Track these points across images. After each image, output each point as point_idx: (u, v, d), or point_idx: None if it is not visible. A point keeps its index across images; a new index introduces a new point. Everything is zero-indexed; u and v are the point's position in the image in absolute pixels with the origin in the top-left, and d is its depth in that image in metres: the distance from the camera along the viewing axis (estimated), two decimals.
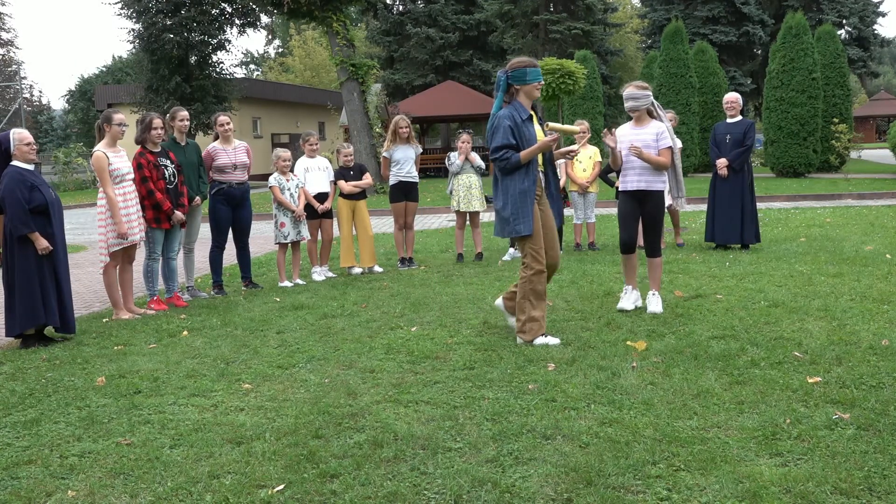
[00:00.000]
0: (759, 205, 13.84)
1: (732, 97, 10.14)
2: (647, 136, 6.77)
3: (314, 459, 3.88)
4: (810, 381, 4.70)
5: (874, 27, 45.37)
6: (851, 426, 3.99)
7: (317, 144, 9.55)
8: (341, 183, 9.60)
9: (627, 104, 6.80)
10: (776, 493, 3.31)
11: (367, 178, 9.80)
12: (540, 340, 5.84)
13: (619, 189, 6.93)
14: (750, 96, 41.76)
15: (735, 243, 9.94)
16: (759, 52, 43.10)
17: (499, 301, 6.47)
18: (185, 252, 8.69)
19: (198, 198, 8.41)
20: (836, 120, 23.16)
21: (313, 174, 9.37)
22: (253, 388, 5.13)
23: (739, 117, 10.10)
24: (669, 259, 9.38)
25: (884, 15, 45.71)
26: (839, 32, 38.07)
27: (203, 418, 4.58)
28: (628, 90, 6.82)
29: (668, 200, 10.30)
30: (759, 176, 21.59)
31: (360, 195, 9.74)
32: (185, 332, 6.87)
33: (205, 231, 9.13)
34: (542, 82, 6.04)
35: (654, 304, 6.79)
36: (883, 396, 4.38)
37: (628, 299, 6.94)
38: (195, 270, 9.00)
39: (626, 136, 6.87)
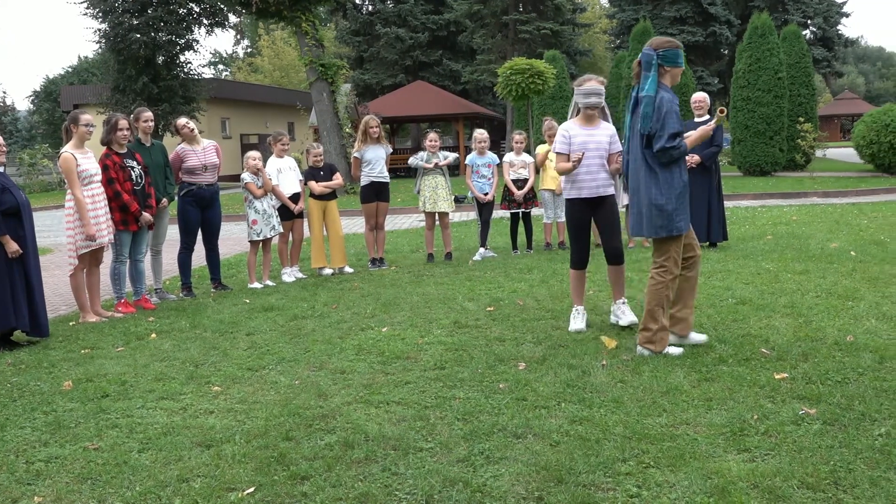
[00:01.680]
0: (727, 203, 13.97)
1: (700, 97, 10.22)
2: (602, 137, 6.18)
3: (285, 461, 3.87)
4: (777, 377, 4.75)
5: (838, 27, 45.97)
6: (817, 421, 4.04)
7: (287, 145, 9.51)
8: (312, 183, 9.56)
9: (590, 99, 6.08)
10: (744, 489, 3.35)
11: (338, 179, 9.77)
12: (671, 350, 5.38)
13: (570, 197, 6.21)
14: (717, 96, 42.11)
15: (703, 242, 10.02)
16: (726, 52, 43.50)
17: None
18: (152, 254, 8.61)
19: (165, 199, 8.34)
20: (801, 119, 23.43)
21: (285, 175, 9.33)
22: (222, 391, 5.10)
23: (707, 116, 10.18)
24: (639, 258, 9.44)
25: (847, 15, 46.34)
26: (804, 33, 38.55)
27: (172, 421, 4.54)
28: (591, 84, 6.10)
29: (624, 199, 10.39)
30: (726, 175, 21.79)
31: (331, 195, 9.71)
32: (154, 335, 6.81)
33: (172, 233, 9.05)
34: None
35: (627, 313, 6.25)
36: (848, 391, 4.44)
37: (581, 320, 6.25)
38: (163, 272, 8.92)
39: (577, 136, 6.13)
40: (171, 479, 3.74)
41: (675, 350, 5.38)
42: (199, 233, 8.79)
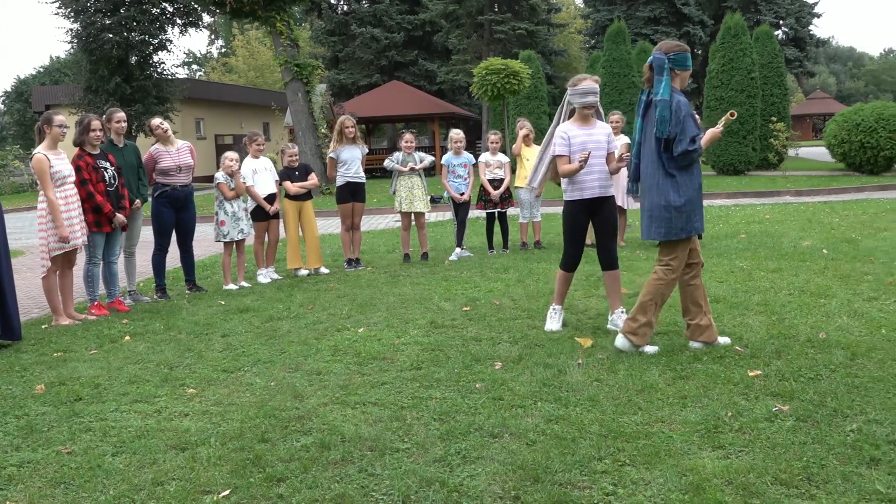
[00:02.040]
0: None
1: None
2: (600, 137, 6.12)
3: (260, 463, 3.85)
4: (751, 374, 4.79)
5: (810, 28, 46.44)
6: (791, 418, 4.08)
7: (263, 145, 9.47)
8: (287, 184, 9.52)
9: (587, 99, 5.99)
10: (718, 486, 3.38)
11: (313, 179, 9.74)
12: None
13: (574, 199, 6.07)
14: (691, 95, 42.40)
15: None
16: (700, 52, 43.78)
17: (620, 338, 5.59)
18: (126, 256, 8.54)
19: (138, 201, 8.27)
20: (774, 118, 23.64)
21: (261, 175, 9.29)
22: (197, 393, 5.07)
23: None
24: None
25: (819, 16, 46.82)
26: (776, 33, 38.87)
27: (146, 424, 4.51)
28: (588, 84, 6.00)
29: (619, 201, 10.44)
30: None
31: (306, 196, 9.68)
32: (127, 338, 6.76)
33: (146, 234, 8.99)
34: None
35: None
36: (820, 388, 4.49)
37: (558, 320, 6.24)
38: (137, 274, 8.85)
39: (577, 136, 6.04)
40: (146, 482, 3.71)
41: (650, 349, 5.41)
42: (174, 234, 8.73)
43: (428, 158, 10.35)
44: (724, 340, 5.54)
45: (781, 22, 44.72)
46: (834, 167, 24.31)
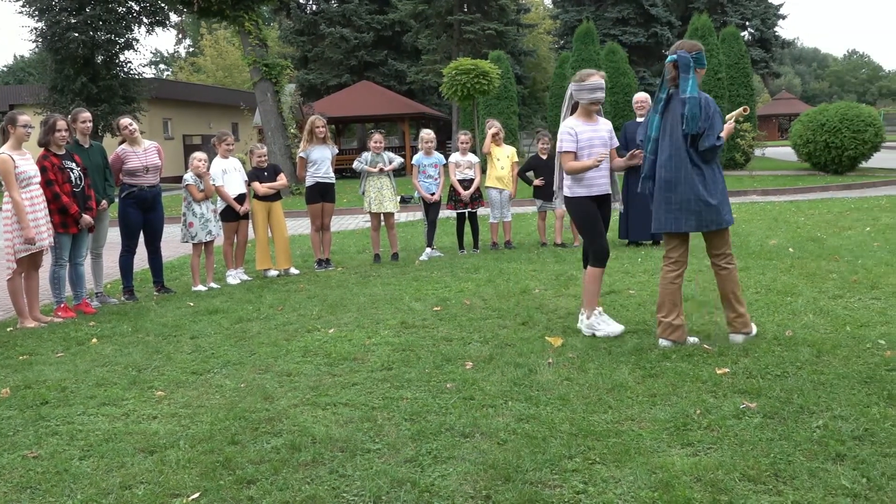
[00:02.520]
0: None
1: (642, 97, 10.37)
2: (604, 133, 6.07)
3: (230, 466, 3.82)
4: (719, 372, 4.84)
5: (775, 29, 47.00)
6: (758, 415, 4.12)
7: (233, 145, 9.41)
8: (256, 184, 9.47)
9: (596, 94, 5.90)
10: (687, 483, 3.41)
11: (282, 179, 9.69)
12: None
13: (578, 196, 5.96)
14: None
15: (647, 240, 10.17)
16: (667, 52, 44.18)
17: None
18: (92, 257, 8.45)
19: (104, 201, 8.18)
20: (740, 119, 23.88)
21: (231, 175, 9.23)
22: (166, 395, 5.02)
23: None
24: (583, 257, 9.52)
25: (784, 17, 47.40)
26: (742, 34, 39.25)
27: (114, 428, 4.46)
28: (596, 79, 5.89)
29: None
30: None
31: (275, 196, 9.63)
32: (95, 340, 6.68)
33: (113, 235, 8.89)
34: None
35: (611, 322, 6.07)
36: (787, 385, 4.54)
37: (611, 319, 6.03)
38: (104, 276, 8.75)
39: (583, 132, 5.94)
40: (114, 486, 3.68)
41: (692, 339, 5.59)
42: (141, 235, 8.65)
43: (397, 160, 10.33)
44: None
45: (747, 23, 45.20)
46: (799, 167, 24.62)
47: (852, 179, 20.04)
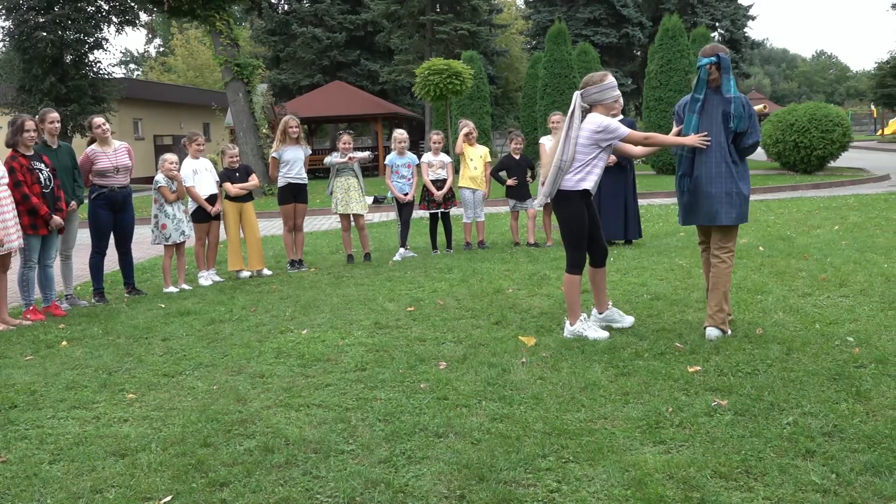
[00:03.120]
0: (641, 202, 14.26)
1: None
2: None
3: (203, 468, 3.80)
4: (691, 370, 4.88)
5: (745, 30, 47.43)
6: (729, 412, 4.16)
7: (203, 145, 9.35)
8: (227, 185, 9.41)
9: (616, 92, 5.95)
10: (660, 480, 3.43)
11: (254, 180, 9.64)
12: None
13: (578, 190, 5.80)
14: (631, 96, 43.01)
15: (619, 239, 10.22)
16: (639, 53, 44.45)
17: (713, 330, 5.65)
18: (62, 259, 8.35)
19: (73, 202, 8.09)
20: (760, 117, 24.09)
21: (202, 176, 9.16)
22: (137, 398, 4.98)
23: (621, 116, 10.35)
24: (557, 256, 9.57)
25: (753, 18, 47.88)
26: (713, 35, 39.64)
27: (84, 431, 4.41)
28: (610, 78, 5.96)
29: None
30: (640, 173, 22.32)
31: (247, 197, 9.57)
32: (64, 343, 6.61)
33: (83, 237, 8.80)
34: None
35: (625, 316, 6.19)
36: (758, 382, 4.59)
37: (597, 324, 6.06)
38: (74, 278, 8.66)
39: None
40: (85, 490, 3.64)
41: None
42: (112, 236, 8.57)
43: (366, 153, 10.36)
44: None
45: (717, 24, 45.59)
46: (769, 166, 24.87)
47: (821, 179, 20.28)
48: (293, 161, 9.77)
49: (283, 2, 46.53)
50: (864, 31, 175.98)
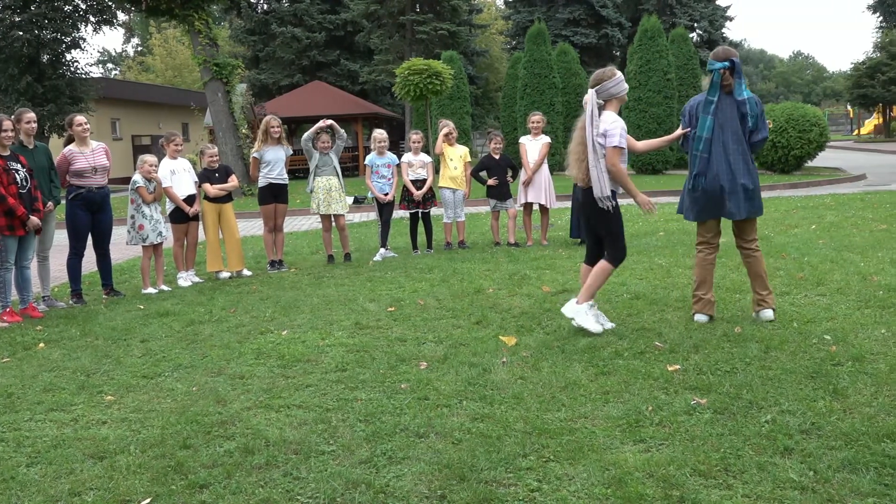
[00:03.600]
0: (621, 201, 14.32)
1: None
2: None
3: (182, 470, 3.78)
4: (670, 369, 4.90)
5: (723, 31, 47.68)
6: (708, 410, 4.19)
7: (181, 145, 9.29)
8: (206, 186, 9.36)
9: (625, 85, 5.93)
10: (640, 478, 3.44)
11: (233, 181, 9.60)
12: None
13: (614, 191, 5.89)
14: None
15: None
16: (618, 53, 44.58)
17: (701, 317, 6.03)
18: (39, 260, 8.28)
19: (50, 203, 8.02)
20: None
21: (180, 176, 9.10)
22: (116, 400, 4.94)
23: None
24: (536, 256, 9.60)
25: (731, 19, 48.10)
26: (691, 35, 39.86)
27: (62, 434, 4.38)
28: (620, 72, 5.94)
29: (542, 200, 10.55)
30: None
31: (226, 198, 9.53)
32: (42, 345, 6.55)
33: (60, 238, 8.73)
34: None
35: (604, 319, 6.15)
36: (736, 381, 4.62)
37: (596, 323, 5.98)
38: (52, 279, 8.59)
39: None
40: (63, 493, 3.61)
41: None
42: (90, 237, 8.50)
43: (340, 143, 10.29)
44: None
45: (696, 25, 45.79)
46: None
47: (798, 178, 20.45)
48: (274, 161, 9.74)
49: (262, 1, 46.33)
50: (840, 32, 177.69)
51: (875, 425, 3.85)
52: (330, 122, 10.16)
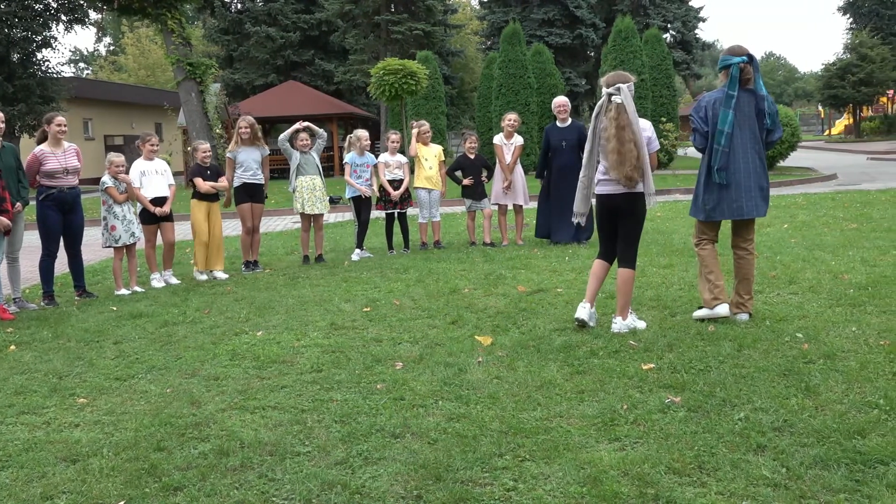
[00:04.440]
0: (594, 201, 14.40)
1: (564, 101, 10.56)
2: None
3: (156, 473, 3.75)
4: (645, 367, 4.93)
5: (696, 32, 48.02)
6: (683, 409, 4.22)
7: (157, 146, 9.22)
8: (199, 181, 9.28)
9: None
10: (615, 477, 3.46)
11: (223, 182, 9.53)
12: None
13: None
14: (585, 97, 43.32)
15: (574, 241, 10.27)
16: (592, 54, 44.77)
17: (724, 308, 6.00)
18: (8, 262, 8.18)
19: (19, 204, 7.93)
20: (663, 119, 24.38)
21: (150, 178, 9.02)
22: (89, 403, 4.90)
23: (570, 120, 10.50)
24: (512, 256, 9.62)
25: (704, 20, 48.48)
26: (664, 36, 40.07)
27: (34, 437, 4.33)
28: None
29: (518, 200, 10.59)
30: None
31: (214, 196, 9.45)
32: (13, 347, 6.47)
33: (31, 239, 8.63)
34: None
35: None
36: (710, 379, 4.65)
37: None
38: (22, 280, 8.49)
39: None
40: (35, 496, 3.57)
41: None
42: (62, 238, 8.41)
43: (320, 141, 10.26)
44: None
45: (669, 26, 46.07)
46: None
47: (771, 178, 20.59)
48: (248, 162, 9.68)
49: (236, 0, 46.07)
50: (811, 33, 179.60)
51: (846, 422, 3.90)
52: (306, 124, 10.14)
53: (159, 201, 9.03)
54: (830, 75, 43.90)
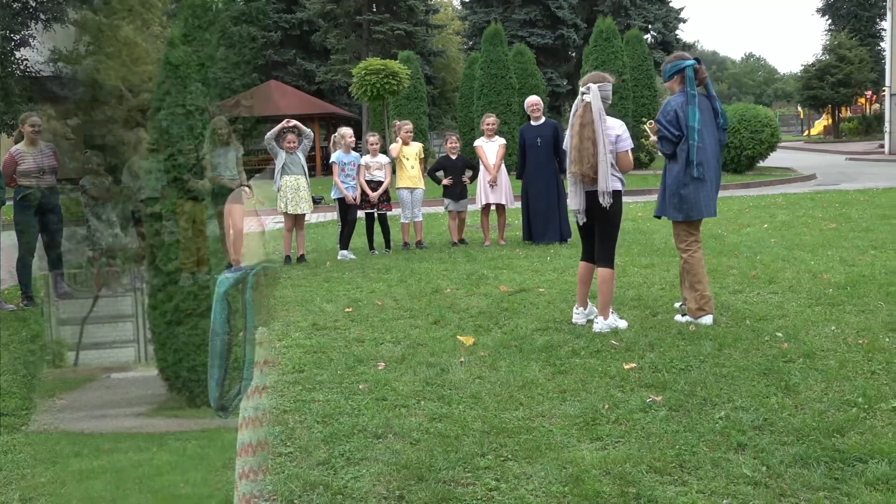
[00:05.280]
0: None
1: (536, 100, 10.65)
2: None
3: None
4: (626, 367, 4.95)
5: (676, 33, 48.24)
6: (664, 408, 4.23)
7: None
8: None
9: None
10: (597, 476, 3.47)
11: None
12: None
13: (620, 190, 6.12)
14: (566, 97, 43.41)
15: (555, 240, 10.29)
16: (574, 54, 44.86)
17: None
18: None
19: None
20: (644, 119, 24.42)
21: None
22: (68, 405, 4.86)
23: (543, 119, 10.56)
24: (494, 256, 9.62)
25: (685, 21, 48.79)
26: (645, 37, 40.21)
27: (13, 439, 4.29)
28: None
29: (501, 200, 10.61)
30: None
31: None
32: None
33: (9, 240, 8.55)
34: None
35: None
36: (691, 378, 4.68)
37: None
38: (0, 281, 8.41)
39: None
40: (12, 500, 3.54)
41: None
42: (40, 239, 8.34)
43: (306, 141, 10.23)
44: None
45: (650, 26, 46.24)
46: None
47: (751, 178, 20.76)
48: (222, 163, 9.60)
49: None
50: (790, 34, 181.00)
51: (825, 421, 3.93)
52: (294, 122, 10.10)
53: None
54: (809, 76, 44.23)
